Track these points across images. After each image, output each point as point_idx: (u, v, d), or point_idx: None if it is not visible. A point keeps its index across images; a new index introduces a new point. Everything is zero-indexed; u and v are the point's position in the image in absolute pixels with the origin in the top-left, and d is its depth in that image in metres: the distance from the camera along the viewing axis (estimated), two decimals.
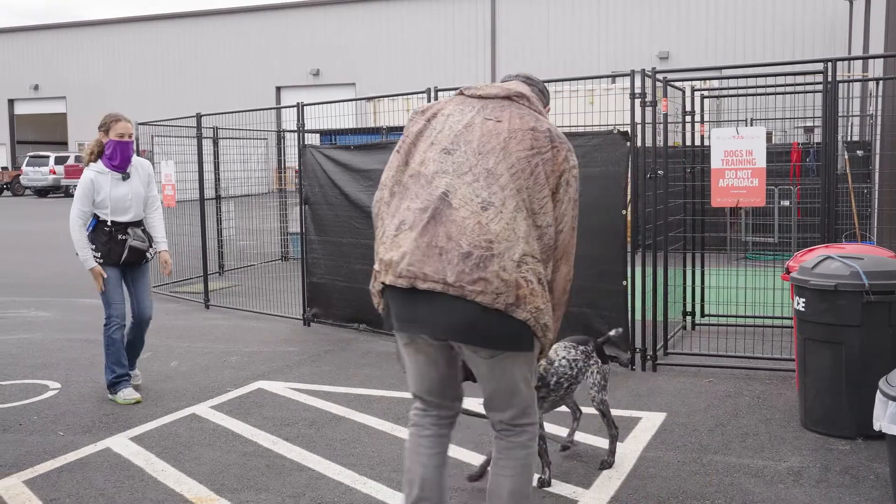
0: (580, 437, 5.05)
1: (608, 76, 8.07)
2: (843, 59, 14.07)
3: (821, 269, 5.00)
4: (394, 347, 7.25)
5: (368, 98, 11.50)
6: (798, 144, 12.74)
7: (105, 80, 43.25)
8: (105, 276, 5.94)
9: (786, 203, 12.12)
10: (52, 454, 4.93)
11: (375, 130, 13.50)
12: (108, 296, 6.01)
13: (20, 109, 47.16)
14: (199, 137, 10.09)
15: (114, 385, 6.02)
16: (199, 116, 10.10)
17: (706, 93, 8.86)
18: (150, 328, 6.29)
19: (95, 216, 5.94)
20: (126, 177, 5.99)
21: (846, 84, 9.76)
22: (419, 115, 3.23)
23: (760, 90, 8.16)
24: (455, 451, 4.81)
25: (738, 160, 6.43)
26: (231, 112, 10.69)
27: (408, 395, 6.02)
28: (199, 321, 9.05)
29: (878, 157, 8.77)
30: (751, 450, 4.82)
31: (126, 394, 5.98)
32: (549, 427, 4.98)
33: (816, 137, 13.23)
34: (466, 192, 2.96)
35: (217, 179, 11.25)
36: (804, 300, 5.05)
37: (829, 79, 6.33)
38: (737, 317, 7.83)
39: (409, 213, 3.01)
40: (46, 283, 12.04)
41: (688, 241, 7.83)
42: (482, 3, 34.86)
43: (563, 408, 4.78)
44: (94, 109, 42.92)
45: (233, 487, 4.37)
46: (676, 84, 7.54)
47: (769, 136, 12.90)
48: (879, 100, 8.65)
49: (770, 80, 8.41)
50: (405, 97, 18.29)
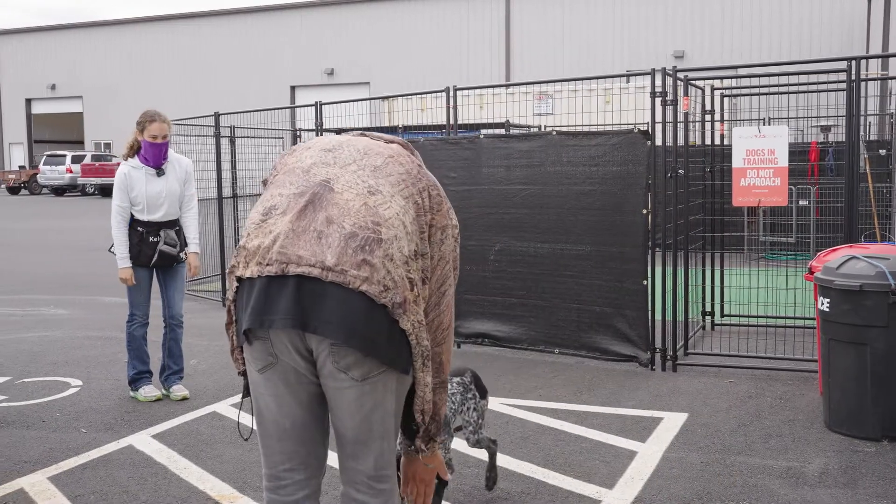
0: (602, 437, 5.04)
1: (625, 75, 8.04)
2: (868, 58, 13.98)
3: (846, 270, 4.97)
4: None
5: (385, 97, 11.50)
6: (817, 144, 12.66)
7: (121, 80, 43.44)
8: (132, 283, 5.93)
9: (804, 203, 12.05)
10: (76, 451, 4.96)
11: (391, 130, 13.48)
12: (133, 295, 6.03)
13: (37, 109, 47.46)
14: (217, 136, 10.12)
15: (135, 381, 6.05)
16: (218, 115, 10.13)
17: (726, 91, 8.81)
18: None
19: (130, 215, 5.92)
20: (161, 173, 5.94)
21: (866, 82, 9.69)
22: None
23: (782, 89, 8.11)
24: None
25: (760, 159, 6.39)
26: (249, 111, 10.72)
27: None
28: (218, 319, 9.07)
29: None
30: (774, 451, 4.79)
31: (147, 391, 6.01)
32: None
33: (833, 136, 13.16)
34: (351, 179, 2.53)
35: (234, 178, 11.27)
36: (829, 300, 5.02)
37: (853, 77, 6.28)
38: (756, 317, 7.79)
39: (282, 199, 2.54)
40: (65, 282, 12.11)
41: (707, 241, 7.79)
42: (496, 2, 34.82)
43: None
44: (110, 109, 43.34)
45: (256, 485, 4.38)
46: (696, 83, 7.50)
47: None
48: None
49: (786, 79, 8.36)
50: (420, 96, 18.33)
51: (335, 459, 2.72)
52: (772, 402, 5.72)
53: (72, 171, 36.69)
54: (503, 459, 4.67)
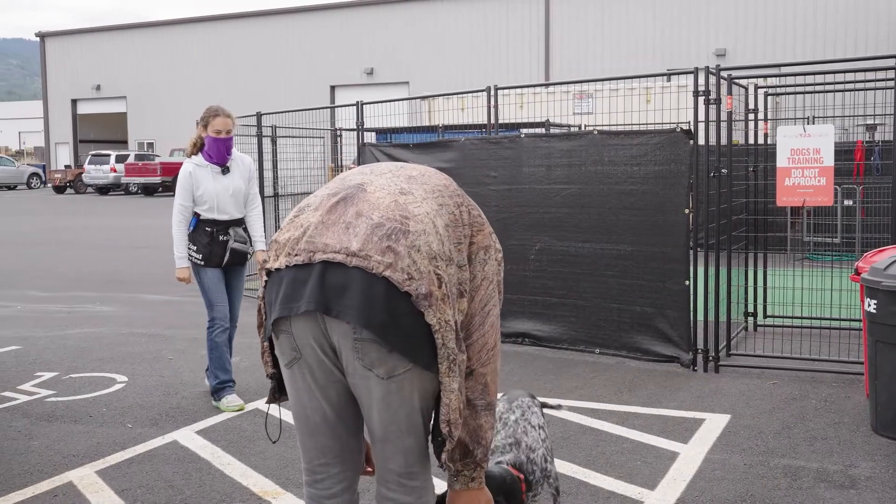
0: (643, 438, 5.01)
1: (667, 74, 7.97)
2: None
3: (894, 270, 4.88)
4: None
5: (426, 97, 11.53)
6: (862, 143, 12.45)
7: (164, 81, 44.05)
8: (189, 282, 5.88)
9: (849, 203, 11.86)
10: (122, 445, 5.05)
11: (431, 129, 13.53)
12: (211, 297, 5.84)
13: (82, 109, 48.31)
14: (260, 136, 10.23)
15: (217, 391, 5.83)
16: (260, 115, 10.23)
17: (770, 90, 8.70)
18: None
19: (196, 215, 5.79)
20: (226, 171, 5.83)
21: None
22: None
23: (828, 87, 7.98)
24: None
25: (805, 158, 6.31)
26: (291, 111, 10.82)
27: None
28: None
29: None
30: (819, 454, 4.72)
31: (229, 400, 5.78)
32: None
33: (879, 135, 12.92)
34: (384, 183, 2.58)
35: (275, 177, 11.38)
36: (875, 302, 4.93)
37: None
38: (800, 318, 7.68)
39: (315, 198, 2.61)
40: (110, 279, 12.32)
41: (749, 241, 7.70)
42: (536, 2, 34.71)
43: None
44: (153, 109, 43.98)
45: (298, 482, 4.41)
46: (740, 81, 7.42)
47: None
48: None
49: (831, 78, 8.23)
50: (460, 96, 18.34)
51: None
52: (816, 405, 5.65)
53: (116, 171, 37.28)
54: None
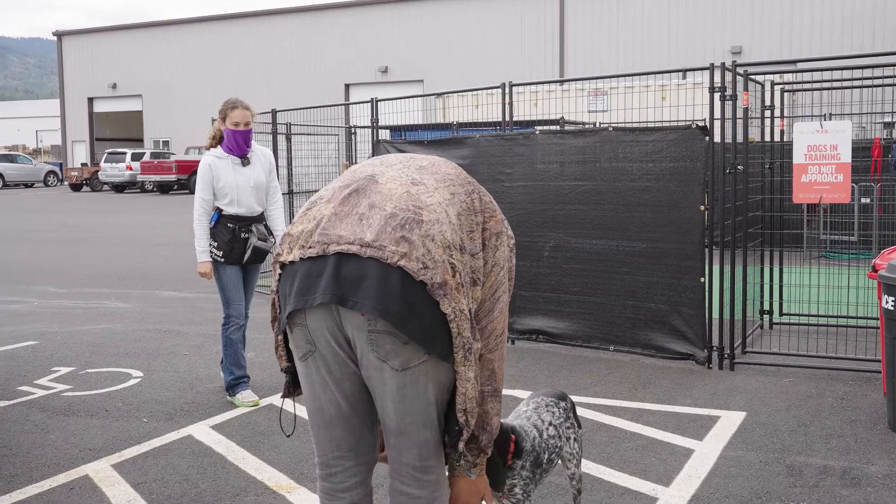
0: (658, 435, 4.99)
1: (683, 70, 7.93)
2: None
3: None
4: None
5: (441, 94, 11.53)
6: (880, 140, 12.35)
7: (180, 79, 44.24)
8: (210, 278, 5.82)
9: (866, 200, 11.77)
10: (138, 440, 5.07)
11: (445, 126, 13.52)
12: (228, 295, 5.82)
13: (99, 107, 48.57)
14: (275, 133, 10.25)
15: (232, 387, 5.83)
16: (275, 112, 10.25)
17: (786, 87, 8.65)
18: None
19: (218, 210, 5.74)
20: (246, 162, 5.78)
21: None
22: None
23: (846, 83, 7.93)
24: None
25: (822, 155, 6.26)
26: (306, 108, 10.84)
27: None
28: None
29: None
30: (836, 451, 4.69)
31: (245, 395, 5.79)
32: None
33: None
34: (395, 174, 2.58)
35: (290, 175, 11.40)
36: (893, 299, 4.89)
37: None
38: (816, 316, 7.63)
39: (327, 191, 2.61)
40: (126, 275, 12.38)
41: (765, 238, 7.66)
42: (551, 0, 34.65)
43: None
44: (169, 107, 44.18)
45: (312, 476, 4.42)
46: (756, 78, 7.38)
47: None
48: None
49: (848, 74, 8.16)
50: (474, 93, 18.32)
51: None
52: (833, 403, 5.61)
53: (131, 169, 37.47)
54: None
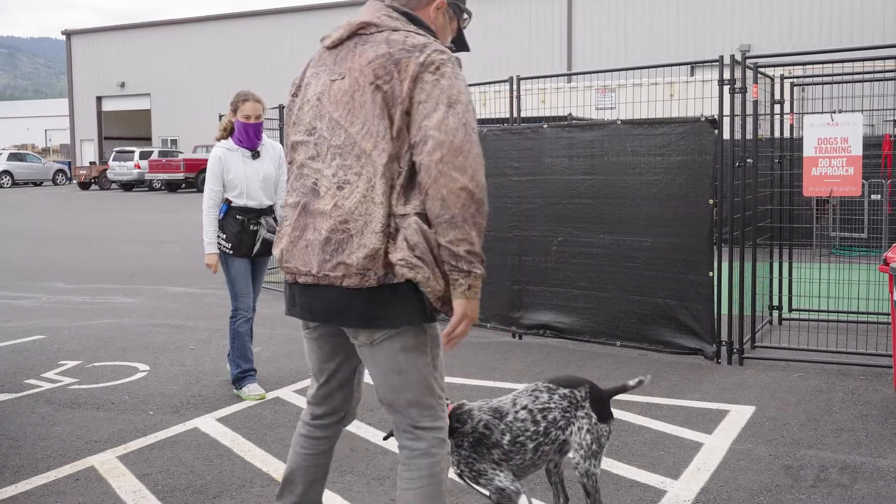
0: (666, 429, 4.95)
1: (692, 63, 7.88)
2: None
3: None
4: (473, 338, 7.09)
5: None
6: (890, 136, 12.27)
7: (188, 78, 44.33)
8: (216, 270, 5.80)
9: (877, 197, 11.69)
10: (143, 432, 5.06)
11: None
12: (236, 288, 5.80)
13: (107, 106, 48.71)
14: (282, 129, 10.22)
15: (239, 380, 5.82)
16: (282, 109, 10.23)
17: (796, 81, 8.59)
18: None
19: (227, 202, 5.71)
20: (256, 155, 5.77)
21: None
22: (290, 94, 2.98)
23: (856, 77, 7.86)
24: None
25: (833, 148, 6.22)
26: None
27: (489, 384, 6.02)
28: (279, 309, 9.16)
29: None
30: (847, 446, 4.65)
31: (251, 389, 5.77)
32: None
33: None
34: (328, 174, 2.70)
35: None
36: None
37: None
38: (826, 311, 7.58)
39: (288, 209, 2.85)
40: (133, 272, 12.39)
41: (775, 233, 7.61)
42: None
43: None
44: (177, 106, 44.29)
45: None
46: (766, 71, 7.33)
47: None
48: None
49: (858, 68, 8.10)
50: (481, 90, 18.28)
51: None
52: (843, 397, 5.56)
53: (139, 167, 37.55)
54: None
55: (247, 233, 5.73)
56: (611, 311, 6.98)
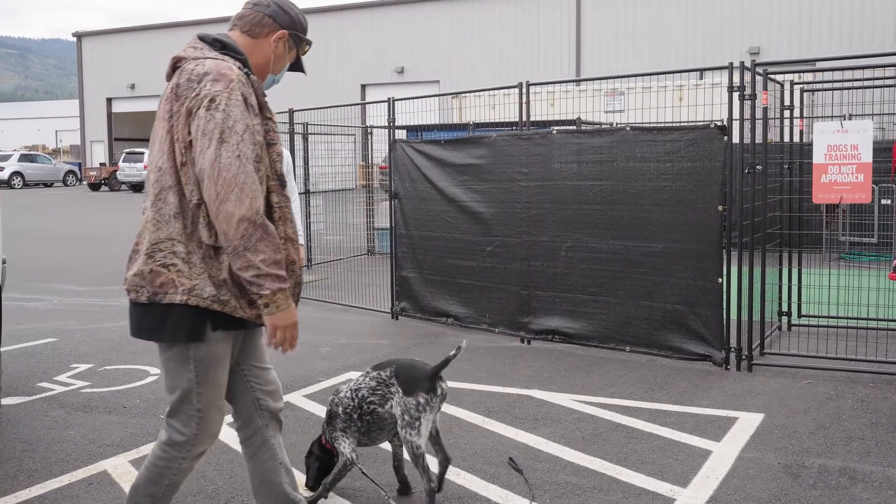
0: (675, 436, 4.97)
1: (701, 69, 7.87)
2: None
3: None
4: (482, 342, 7.17)
5: (458, 93, 11.52)
6: None
7: None
8: None
9: (887, 202, 11.67)
10: (155, 436, 5.06)
11: (461, 127, 13.52)
12: None
13: (117, 108, 48.88)
14: (291, 133, 10.28)
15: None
16: (292, 112, 10.28)
17: (806, 86, 8.59)
18: None
19: None
20: None
21: None
22: None
23: (867, 83, 7.85)
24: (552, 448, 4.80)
25: (843, 155, 6.21)
26: (323, 108, 10.87)
27: (498, 389, 6.04)
28: None
29: None
30: (856, 454, 4.65)
31: None
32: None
33: None
34: (147, 201, 2.99)
35: (306, 174, 11.44)
36: None
37: None
38: (836, 318, 7.57)
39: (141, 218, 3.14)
40: None
41: (784, 239, 7.61)
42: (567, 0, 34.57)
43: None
44: None
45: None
46: (776, 77, 7.32)
47: None
48: None
49: (869, 74, 8.09)
50: (490, 94, 18.31)
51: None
52: (853, 405, 5.56)
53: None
54: (575, 455, 4.65)
55: None
56: (620, 317, 6.99)
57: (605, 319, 7.08)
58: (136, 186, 39.09)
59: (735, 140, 6.50)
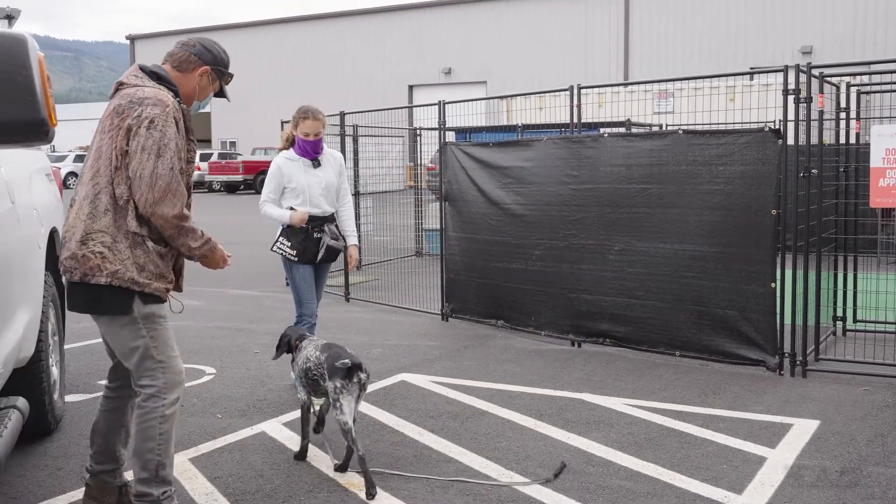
0: (729, 442, 4.94)
1: (755, 72, 7.80)
2: None
3: None
4: (532, 345, 7.20)
5: (508, 96, 11.53)
6: None
7: (247, 80, 44.93)
8: (305, 221, 5.85)
9: None
10: (213, 435, 5.21)
11: (510, 128, 13.53)
12: (301, 294, 5.94)
13: None
14: (342, 135, 10.40)
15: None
16: (343, 114, 10.40)
17: (862, 88, 8.44)
18: None
19: (292, 210, 5.89)
20: (317, 164, 5.91)
21: None
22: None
23: None
24: (602, 450, 4.81)
25: None
26: (374, 110, 10.97)
27: (549, 392, 6.05)
28: (341, 314, 9.34)
29: None
30: None
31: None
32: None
33: None
34: (79, 195, 3.58)
35: (356, 175, 11.55)
36: None
37: None
38: (893, 323, 7.43)
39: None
40: (195, 274, 12.62)
41: (839, 243, 7.49)
42: (616, 0, 34.34)
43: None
44: (236, 108, 44.85)
45: (384, 475, 4.50)
46: (831, 79, 7.22)
47: None
48: None
49: None
50: (539, 95, 18.25)
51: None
52: None
53: (200, 169, 38.25)
54: (628, 460, 4.66)
55: (311, 240, 5.88)
56: (669, 321, 6.95)
57: (655, 323, 7.04)
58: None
59: (789, 142, 6.43)
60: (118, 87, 3.63)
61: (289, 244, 5.89)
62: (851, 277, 7.75)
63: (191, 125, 3.75)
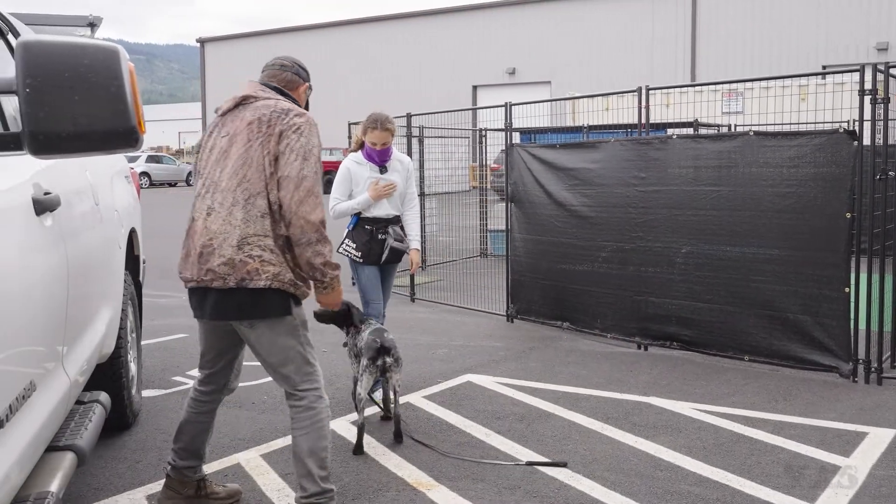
0: (801, 449, 4.86)
1: (829, 72, 7.63)
2: None
3: None
4: (598, 347, 7.17)
5: (575, 97, 11.51)
6: None
7: (313, 82, 45.51)
8: (388, 191, 5.92)
9: None
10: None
11: (576, 129, 13.48)
12: (367, 294, 6.03)
13: None
14: (409, 137, 10.49)
15: (373, 385, 5.81)
16: (409, 116, 10.49)
17: None
18: None
19: (357, 213, 5.97)
20: (384, 170, 5.99)
21: None
22: (202, 142, 3.93)
23: None
24: (674, 457, 4.78)
25: None
26: (439, 112, 11.04)
27: (616, 395, 6.03)
28: (407, 314, 9.43)
29: None
30: None
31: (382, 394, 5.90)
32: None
33: None
34: (200, 205, 3.72)
35: (422, 177, 11.64)
36: None
37: None
38: None
39: (194, 212, 3.82)
40: None
41: None
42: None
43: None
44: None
45: (451, 475, 4.55)
46: None
47: None
48: None
49: None
50: (604, 97, 18.13)
51: None
52: None
53: None
54: (697, 465, 4.62)
55: (375, 241, 5.95)
56: (738, 325, 6.85)
57: (723, 327, 6.95)
58: None
59: (865, 143, 6.28)
60: (244, 100, 3.79)
61: (354, 246, 5.99)
62: None
63: None
